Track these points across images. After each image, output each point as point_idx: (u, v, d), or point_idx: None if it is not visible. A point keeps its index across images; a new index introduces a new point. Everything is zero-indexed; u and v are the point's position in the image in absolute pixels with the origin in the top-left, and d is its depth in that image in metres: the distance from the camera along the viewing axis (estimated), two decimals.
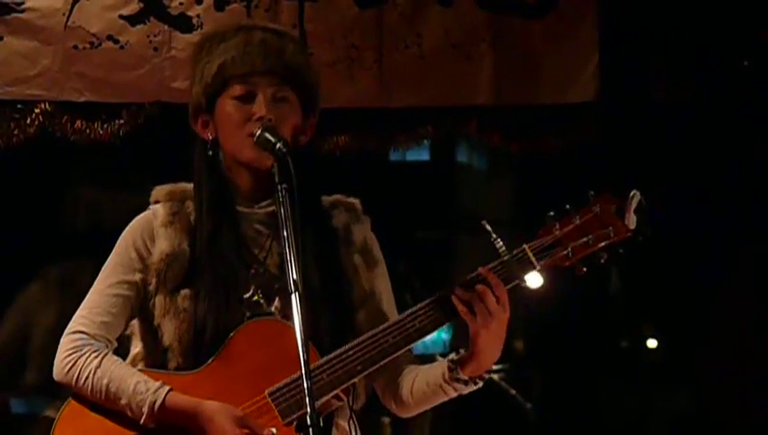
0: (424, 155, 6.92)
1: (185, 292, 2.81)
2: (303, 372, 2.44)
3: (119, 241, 2.90)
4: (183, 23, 4.78)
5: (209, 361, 2.76)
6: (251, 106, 2.82)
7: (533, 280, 2.89)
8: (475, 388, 2.84)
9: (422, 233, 6.77)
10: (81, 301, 2.90)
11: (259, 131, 2.74)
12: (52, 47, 4.67)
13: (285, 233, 2.56)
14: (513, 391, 6.04)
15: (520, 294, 2.82)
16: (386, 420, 5.20)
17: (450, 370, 2.80)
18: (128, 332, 2.93)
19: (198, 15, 4.79)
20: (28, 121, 4.66)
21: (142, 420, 2.72)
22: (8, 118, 4.66)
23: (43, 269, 5.00)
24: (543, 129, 5.13)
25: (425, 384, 2.87)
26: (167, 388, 2.74)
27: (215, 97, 2.86)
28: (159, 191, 2.94)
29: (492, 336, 2.75)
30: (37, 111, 4.67)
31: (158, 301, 2.82)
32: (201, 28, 4.76)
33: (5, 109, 4.66)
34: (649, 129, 5.18)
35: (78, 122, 4.72)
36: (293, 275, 2.50)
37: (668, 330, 6.58)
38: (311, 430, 2.43)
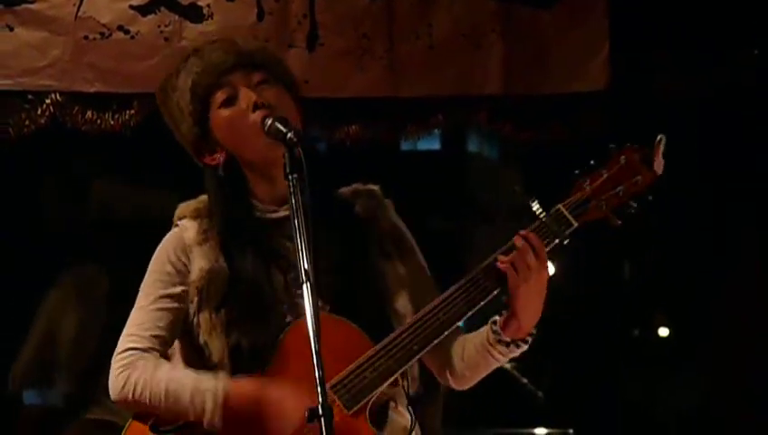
0: (435, 144, 6.91)
1: (228, 308, 2.79)
2: (315, 362, 2.43)
3: (153, 259, 2.89)
4: (194, 13, 4.78)
5: (269, 365, 2.74)
6: (240, 103, 2.82)
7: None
8: (518, 351, 2.85)
9: (433, 222, 6.76)
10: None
11: (270, 121, 2.72)
12: (63, 38, 4.67)
13: (296, 223, 2.54)
14: (525, 380, 6.04)
15: None
16: None
17: (493, 332, 2.83)
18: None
19: (209, 5, 4.79)
20: (39, 112, 4.67)
21: (209, 415, 2.69)
22: (19, 108, 4.67)
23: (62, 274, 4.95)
24: (553, 118, 5.13)
25: (474, 351, 2.88)
26: (225, 378, 2.72)
27: (205, 121, 2.86)
28: (185, 209, 2.93)
29: (531, 292, 2.78)
30: (48, 101, 4.68)
31: (203, 318, 2.80)
32: (212, 18, 4.77)
33: (16, 99, 4.67)
34: (657, 120, 5.18)
35: (88, 113, 4.73)
36: (305, 265, 2.49)
37: (676, 323, 6.58)
38: (322, 419, 2.42)
